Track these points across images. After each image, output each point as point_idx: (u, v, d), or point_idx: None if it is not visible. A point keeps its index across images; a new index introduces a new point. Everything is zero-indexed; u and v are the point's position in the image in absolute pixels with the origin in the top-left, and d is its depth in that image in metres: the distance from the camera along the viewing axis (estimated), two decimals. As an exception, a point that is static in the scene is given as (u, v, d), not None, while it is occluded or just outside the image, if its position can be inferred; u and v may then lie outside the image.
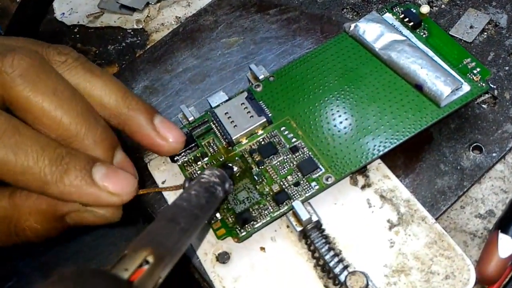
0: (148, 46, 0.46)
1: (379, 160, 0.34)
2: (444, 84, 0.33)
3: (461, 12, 0.39)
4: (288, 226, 0.33)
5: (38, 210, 0.27)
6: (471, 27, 0.38)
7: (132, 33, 0.48)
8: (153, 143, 0.31)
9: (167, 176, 0.36)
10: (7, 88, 0.26)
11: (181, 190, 0.29)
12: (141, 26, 0.48)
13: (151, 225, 0.24)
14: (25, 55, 0.27)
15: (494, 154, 0.33)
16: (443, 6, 0.40)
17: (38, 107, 0.26)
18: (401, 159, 0.35)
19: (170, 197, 0.35)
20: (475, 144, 0.34)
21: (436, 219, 0.32)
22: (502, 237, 0.30)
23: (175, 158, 0.35)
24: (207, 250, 0.33)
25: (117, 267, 0.20)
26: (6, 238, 0.28)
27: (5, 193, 0.27)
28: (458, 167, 0.33)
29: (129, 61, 0.45)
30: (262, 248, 0.33)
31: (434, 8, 0.40)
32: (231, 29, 0.45)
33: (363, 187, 0.34)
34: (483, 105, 0.35)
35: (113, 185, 0.27)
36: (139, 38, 0.47)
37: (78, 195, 0.26)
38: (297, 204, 0.31)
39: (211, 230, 0.33)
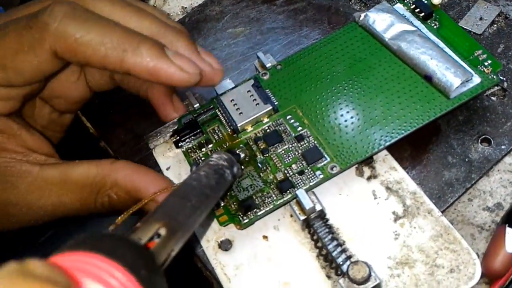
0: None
1: (386, 152, 0.34)
2: (454, 76, 0.32)
3: (470, 4, 0.38)
4: (291, 216, 0.33)
5: (123, 187, 0.31)
6: (481, 19, 0.37)
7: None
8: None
9: (171, 163, 0.36)
10: (90, 3, 0.31)
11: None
12: (147, 15, 0.48)
13: (163, 201, 0.24)
14: None
15: (503, 147, 0.33)
16: (453, -2, 0.40)
17: (121, 14, 0.31)
18: (408, 151, 0.34)
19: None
20: (483, 137, 0.33)
21: (443, 211, 0.32)
22: (509, 231, 0.29)
23: (180, 144, 0.35)
24: (209, 237, 0.33)
25: (131, 236, 0.20)
26: (85, 205, 0.31)
27: (92, 163, 0.32)
28: (466, 159, 0.33)
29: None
30: (265, 237, 0.32)
31: (444, -1, 0.39)
32: (237, 20, 0.44)
33: (369, 178, 0.33)
34: (492, 98, 0.35)
35: (183, 63, 0.30)
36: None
37: (153, 66, 0.29)
38: (301, 193, 0.31)
39: (214, 217, 0.32)
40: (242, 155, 0.33)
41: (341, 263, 0.29)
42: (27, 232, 0.34)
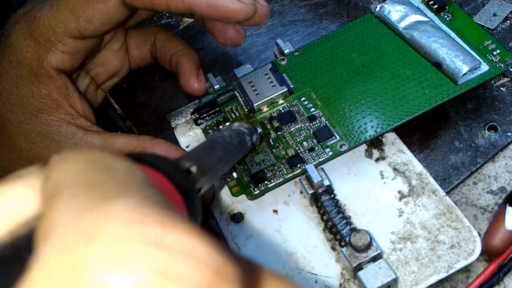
0: (181, 27, 0.48)
1: (395, 135, 0.35)
2: (462, 63, 0.33)
3: (485, 1, 0.40)
4: (301, 192, 0.34)
5: None
6: (495, 15, 0.39)
7: (167, 14, 0.50)
8: None
9: (191, 141, 0.38)
10: None
11: None
12: (176, 9, 0.50)
13: (192, 149, 0.26)
14: None
15: (509, 134, 0.34)
16: (468, -5, 0.41)
17: None
18: (417, 135, 0.35)
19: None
20: (490, 124, 0.34)
21: (448, 192, 0.33)
22: (510, 210, 0.30)
23: (199, 122, 0.37)
24: (222, 210, 0.34)
25: None
26: None
27: (133, 137, 0.34)
28: (473, 145, 0.34)
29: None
30: (275, 211, 0.34)
31: (459, -4, 0.41)
32: (261, 12, 0.46)
33: (377, 160, 0.34)
34: (502, 88, 0.36)
35: None
36: (173, 19, 0.49)
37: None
38: (310, 167, 0.32)
39: (227, 192, 0.34)
40: (260, 130, 0.35)
41: (345, 234, 0.31)
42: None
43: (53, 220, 0.12)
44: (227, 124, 0.36)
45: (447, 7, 0.37)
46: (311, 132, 0.34)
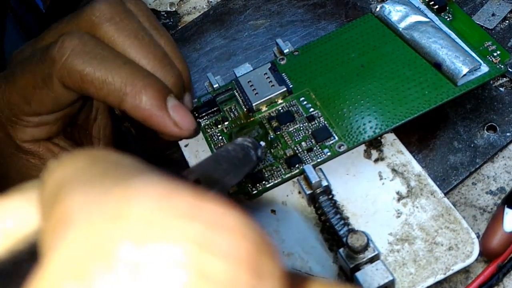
0: (179, 27, 0.48)
1: (394, 136, 0.35)
2: (462, 64, 0.33)
3: (484, 1, 0.40)
4: (299, 192, 0.34)
5: None
6: (493, 14, 0.39)
7: (165, 15, 0.50)
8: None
9: (190, 140, 0.38)
10: (96, 29, 0.30)
11: None
12: (174, 9, 0.50)
13: (197, 163, 0.25)
14: (111, 2, 0.30)
15: (508, 134, 0.34)
16: (467, -5, 0.41)
17: (120, 48, 0.30)
18: (416, 136, 0.35)
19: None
20: (489, 124, 0.34)
21: (447, 193, 0.33)
22: (508, 211, 0.30)
23: (197, 121, 0.37)
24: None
25: None
26: None
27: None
28: (472, 145, 0.34)
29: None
30: (273, 211, 0.34)
31: (458, -4, 0.41)
32: (259, 13, 0.46)
33: (376, 161, 0.34)
34: (501, 88, 0.36)
35: (179, 118, 0.30)
36: (171, 19, 0.49)
37: (149, 114, 0.29)
38: (308, 168, 0.32)
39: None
40: (263, 144, 0.34)
41: (342, 235, 0.31)
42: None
43: (67, 209, 0.11)
44: (226, 123, 0.36)
45: (447, 8, 0.37)
46: (310, 132, 0.34)
